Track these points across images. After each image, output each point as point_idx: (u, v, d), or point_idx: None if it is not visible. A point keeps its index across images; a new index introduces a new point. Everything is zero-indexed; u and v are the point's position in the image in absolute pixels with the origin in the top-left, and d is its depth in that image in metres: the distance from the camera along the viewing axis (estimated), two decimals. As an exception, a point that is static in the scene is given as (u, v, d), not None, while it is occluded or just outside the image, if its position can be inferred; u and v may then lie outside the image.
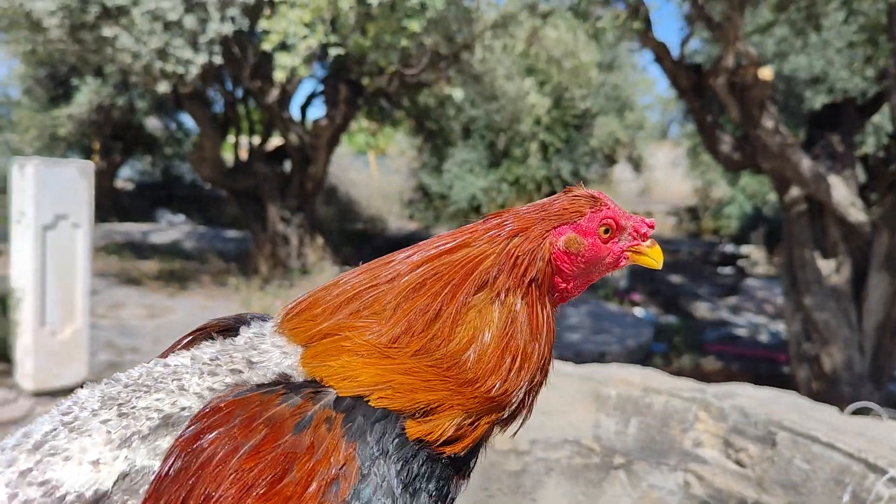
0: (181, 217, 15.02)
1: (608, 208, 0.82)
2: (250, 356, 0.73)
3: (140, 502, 0.63)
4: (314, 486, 0.63)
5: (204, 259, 11.21)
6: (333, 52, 7.19)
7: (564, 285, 0.80)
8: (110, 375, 0.73)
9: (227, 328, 0.80)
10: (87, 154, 13.86)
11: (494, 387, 0.73)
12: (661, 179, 21.56)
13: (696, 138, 15.51)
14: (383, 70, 9.28)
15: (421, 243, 0.79)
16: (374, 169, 21.93)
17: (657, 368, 2.63)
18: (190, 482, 0.62)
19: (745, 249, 16.24)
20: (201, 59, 8.02)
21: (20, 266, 5.58)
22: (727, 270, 15.20)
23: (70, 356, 5.71)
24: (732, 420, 2.15)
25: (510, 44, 10.08)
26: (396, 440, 0.69)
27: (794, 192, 6.94)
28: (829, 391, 5.98)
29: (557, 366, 2.42)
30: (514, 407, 0.77)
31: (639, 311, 10.87)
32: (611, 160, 18.44)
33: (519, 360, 0.74)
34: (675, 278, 14.03)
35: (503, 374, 0.73)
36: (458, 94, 11.50)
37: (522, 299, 0.75)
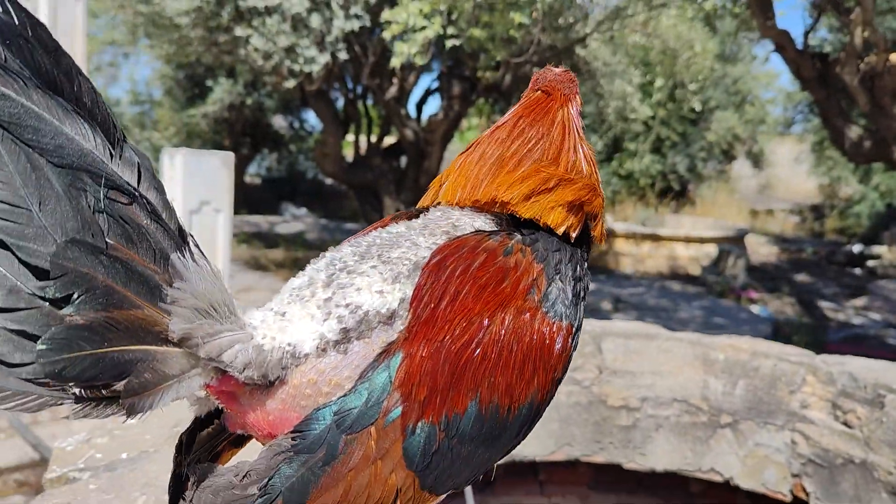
0: (304, 210, 15.83)
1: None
2: (453, 222, 1.01)
3: None
4: (521, 287, 0.92)
5: (326, 249, 11.80)
6: (450, 43, 7.50)
7: None
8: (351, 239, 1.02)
9: (412, 216, 1.05)
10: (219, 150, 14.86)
11: (595, 179, 1.06)
12: (784, 176, 20.63)
13: (821, 133, 14.80)
14: (499, 65, 9.48)
15: (523, 122, 1.09)
16: (485, 165, 22.12)
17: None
18: (443, 285, 0.90)
19: (876, 250, 15.34)
20: (325, 57, 8.51)
21: (170, 247, 6.16)
22: (856, 271, 14.43)
23: (211, 329, 6.23)
24: (841, 384, 2.21)
25: (623, 36, 10.04)
26: (568, 265, 0.98)
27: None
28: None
29: (667, 332, 2.55)
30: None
31: (756, 309, 10.55)
32: (729, 156, 17.85)
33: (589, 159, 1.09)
34: (797, 277, 13.48)
35: (597, 180, 1.07)
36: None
37: (583, 138, 1.09)
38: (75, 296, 0.75)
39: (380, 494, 0.85)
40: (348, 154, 13.64)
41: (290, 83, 8.97)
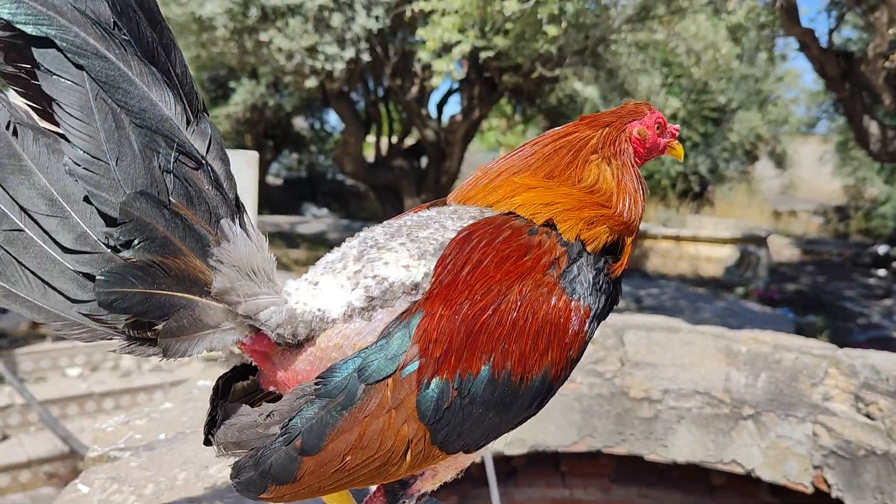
0: (324, 210, 15.94)
1: (658, 112, 1.16)
2: (481, 210, 1.06)
3: None
4: (542, 263, 0.97)
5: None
6: (483, 55, 7.54)
7: (638, 159, 1.14)
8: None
9: (443, 204, 1.10)
10: (241, 151, 15.00)
11: (623, 212, 1.06)
12: (807, 177, 20.42)
13: (846, 133, 14.64)
14: (521, 66, 9.50)
15: (531, 141, 1.12)
16: (505, 166, 22.17)
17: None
18: (467, 255, 0.95)
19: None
20: (348, 54, 8.59)
21: (196, 243, 6.29)
22: (881, 272, 14.27)
23: (236, 325, 6.33)
24: (864, 376, 2.22)
25: (645, 37, 10.03)
26: (591, 256, 1.01)
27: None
28: None
29: (689, 325, 2.57)
30: (635, 232, 1.09)
31: (780, 311, 10.48)
32: (751, 156, 17.71)
33: (631, 197, 1.07)
34: (821, 279, 13.36)
35: (626, 205, 1.06)
36: (590, 91, 11.53)
37: (621, 163, 1.08)
38: (136, 242, 0.84)
39: (392, 443, 0.90)
40: (369, 154, 13.74)
41: (312, 81, 9.06)
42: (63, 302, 0.84)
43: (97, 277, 0.82)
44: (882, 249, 15.48)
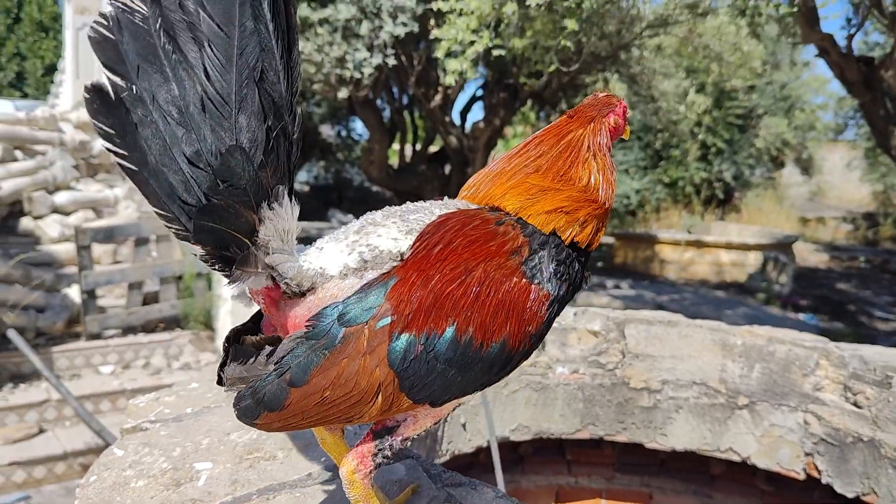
0: (350, 217, 16.17)
1: (623, 102, 1.31)
2: (467, 204, 1.24)
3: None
4: (505, 248, 1.12)
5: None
6: (496, 52, 7.72)
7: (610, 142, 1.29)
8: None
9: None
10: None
11: (605, 200, 1.22)
12: (835, 183, 20.23)
13: (873, 139, 14.54)
14: (542, 73, 9.62)
15: (534, 141, 1.27)
16: (530, 173, 22.32)
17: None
18: (440, 235, 1.12)
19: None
20: (375, 60, 8.79)
21: (224, 246, 6.50)
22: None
23: (262, 325, 6.52)
24: (852, 367, 2.31)
25: (668, 42, 10.10)
26: (553, 249, 1.16)
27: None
28: None
29: (688, 319, 2.68)
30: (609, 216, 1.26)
31: (802, 316, 10.44)
32: (778, 162, 17.62)
33: (610, 185, 1.24)
34: (848, 286, 13.25)
35: (607, 193, 1.23)
36: (620, 94, 11.60)
37: (603, 154, 1.25)
38: (222, 185, 1.00)
39: (365, 383, 1.05)
40: (394, 161, 13.94)
41: (343, 93, 9.28)
42: (171, 195, 0.99)
43: (196, 208, 0.99)
44: (912, 256, 15.28)
